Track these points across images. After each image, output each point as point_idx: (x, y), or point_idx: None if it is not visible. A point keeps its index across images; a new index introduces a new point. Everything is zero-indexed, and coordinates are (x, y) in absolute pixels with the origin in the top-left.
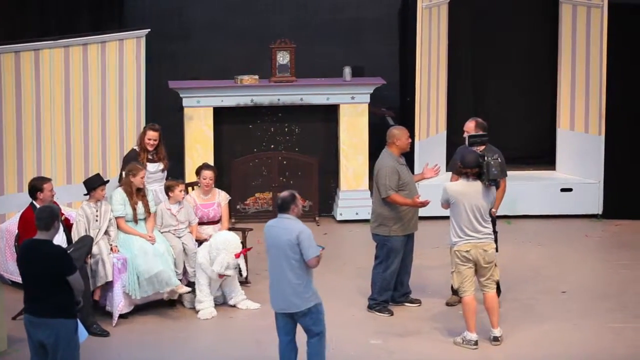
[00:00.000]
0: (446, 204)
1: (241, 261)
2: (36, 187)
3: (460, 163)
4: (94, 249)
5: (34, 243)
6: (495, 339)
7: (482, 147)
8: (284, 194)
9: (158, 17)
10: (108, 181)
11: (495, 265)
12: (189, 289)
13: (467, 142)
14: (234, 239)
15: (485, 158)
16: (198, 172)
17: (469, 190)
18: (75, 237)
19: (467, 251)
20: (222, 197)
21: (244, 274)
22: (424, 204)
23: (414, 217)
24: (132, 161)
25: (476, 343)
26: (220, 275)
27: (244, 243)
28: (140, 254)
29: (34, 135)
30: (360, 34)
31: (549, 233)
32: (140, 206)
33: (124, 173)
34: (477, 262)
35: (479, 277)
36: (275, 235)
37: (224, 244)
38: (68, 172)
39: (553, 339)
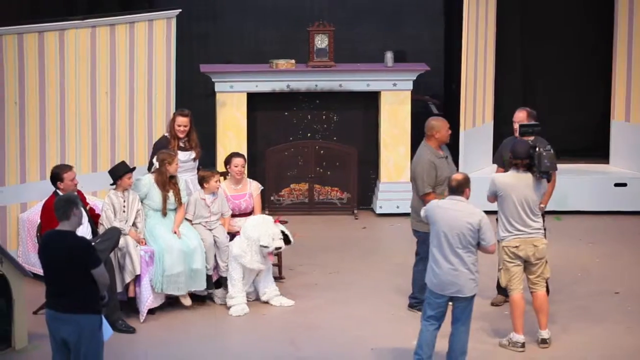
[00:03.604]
0: (493, 197)
1: (282, 227)
2: (56, 176)
3: (511, 153)
4: (120, 242)
5: (56, 234)
6: (544, 341)
7: (531, 138)
8: (459, 176)
9: None
10: (134, 168)
11: (546, 262)
12: (190, 302)
13: (518, 132)
14: (266, 216)
15: (537, 149)
16: (227, 162)
17: (519, 182)
18: (105, 224)
19: (516, 247)
20: (254, 188)
21: (292, 239)
22: None
23: None
24: (162, 148)
25: (523, 345)
26: (270, 254)
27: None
28: (167, 248)
29: (58, 120)
30: (403, 16)
31: (602, 230)
32: (171, 196)
33: (157, 163)
34: (527, 258)
35: (529, 274)
36: (453, 218)
37: (260, 219)
38: (93, 159)
39: (604, 342)
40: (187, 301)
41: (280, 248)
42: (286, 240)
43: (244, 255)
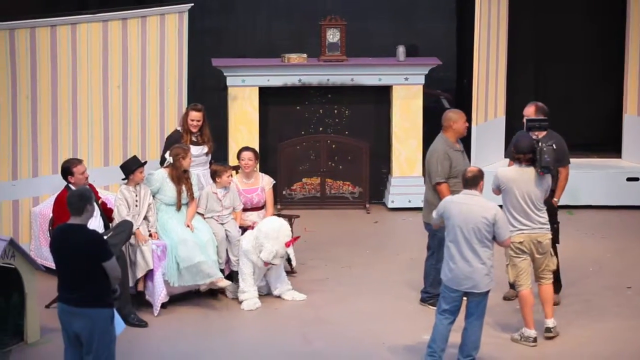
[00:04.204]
0: (497, 190)
1: (290, 251)
2: (66, 170)
3: (514, 148)
4: (132, 238)
5: (67, 228)
6: (548, 329)
7: (543, 133)
8: (473, 169)
9: None
10: (146, 162)
11: (552, 254)
12: (230, 282)
13: (525, 127)
14: (285, 226)
15: (540, 144)
16: (238, 156)
17: (521, 176)
18: (118, 220)
19: (520, 242)
20: (265, 182)
21: (294, 263)
22: None
23: None
24: (175, 143)
25: (535, 340)
26: (266, 264)
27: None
28: (180, 240)
29: (70, 114)
30: (415, 10)
31: (614, 225)
32: (184, 190)
33: (170, 158)
34: (531, 253)
35: (534, 268)
36: (467, 212)
37: (275, 231)
38: (105, 153)
39: (616, 336)
40: (223, 282)
41: (274, 265)
42: (288, 261)
43: (252, 251)
